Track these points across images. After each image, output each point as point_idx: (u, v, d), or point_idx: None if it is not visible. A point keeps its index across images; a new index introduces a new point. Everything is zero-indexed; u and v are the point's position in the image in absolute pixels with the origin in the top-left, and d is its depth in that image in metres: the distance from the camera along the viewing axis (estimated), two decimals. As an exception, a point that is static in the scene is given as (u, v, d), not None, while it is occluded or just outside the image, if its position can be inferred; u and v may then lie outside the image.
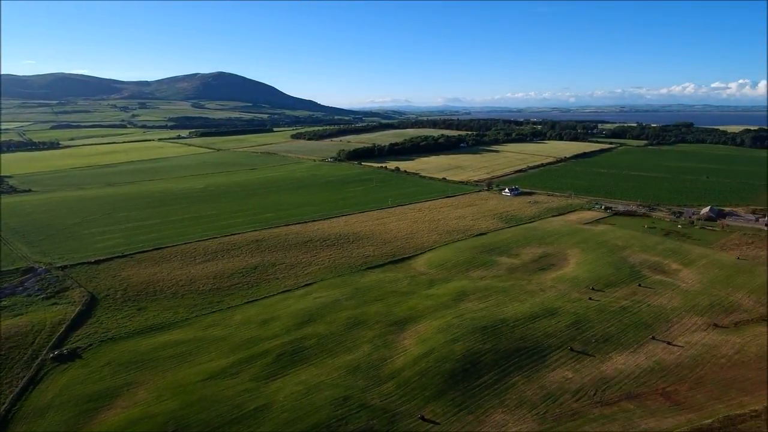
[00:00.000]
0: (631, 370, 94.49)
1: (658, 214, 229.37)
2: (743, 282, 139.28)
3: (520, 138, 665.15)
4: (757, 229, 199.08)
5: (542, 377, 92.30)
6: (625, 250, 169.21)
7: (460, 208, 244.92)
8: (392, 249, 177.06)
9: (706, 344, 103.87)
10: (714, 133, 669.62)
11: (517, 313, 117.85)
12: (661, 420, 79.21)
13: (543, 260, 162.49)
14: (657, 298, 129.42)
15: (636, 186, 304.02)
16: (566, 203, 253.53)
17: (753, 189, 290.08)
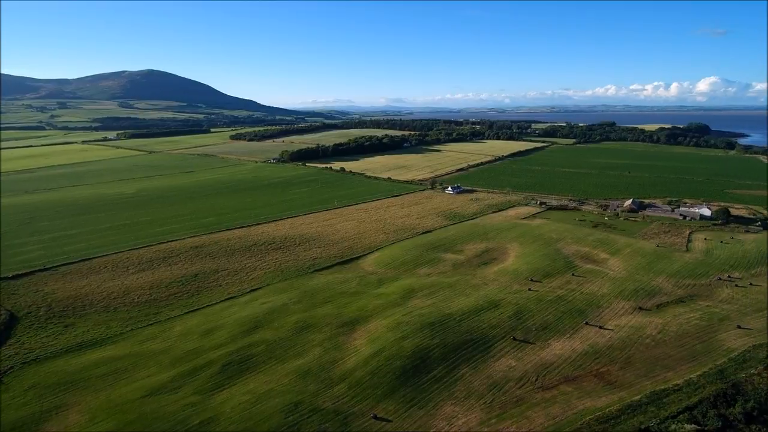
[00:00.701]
0: (568, 354, 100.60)
1: (587, 207, 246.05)
2: (662, 267, 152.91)
3: (460, 138, 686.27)
4: (673, 218, 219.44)
5: (488, 367, 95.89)
6: (559, 242, 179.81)
7: (405, 207, 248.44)
8: (340, 250, 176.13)
9: (633, 326, 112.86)
10: (634, 132, 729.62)
11: (463, 307, 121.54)
12: (596, 400, 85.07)
13: (485, 255, 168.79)
14: (589, 285, 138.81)
15: (567, 182, 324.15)
16: (505, 200, 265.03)
17: (668, 182, 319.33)
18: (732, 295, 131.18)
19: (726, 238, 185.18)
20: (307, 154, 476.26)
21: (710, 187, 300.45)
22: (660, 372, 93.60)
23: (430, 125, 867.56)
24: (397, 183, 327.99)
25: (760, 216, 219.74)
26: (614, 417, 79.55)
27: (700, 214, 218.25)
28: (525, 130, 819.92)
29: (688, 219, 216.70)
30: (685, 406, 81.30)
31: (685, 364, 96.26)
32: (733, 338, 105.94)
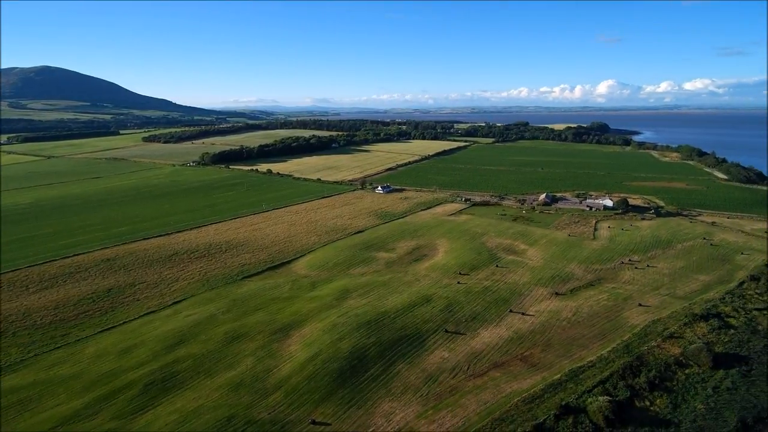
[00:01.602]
0: (495, 342, 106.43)
1: (507, 202, 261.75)
2: (574, 255, 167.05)
3: (388, 138, 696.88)
4: (581, 209, 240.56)
5: (423, 361, 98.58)
6: (483, 236, 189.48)
7: (337, 208, 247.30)
8: (270, 254, 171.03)
9: (551, 311, 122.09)
10: (545, 131, 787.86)
11: (397, 305, 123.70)
12: (522, 382, 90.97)
13: (416, 252, 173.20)
14: (511, 275, 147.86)
15: (488, 179, 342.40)
16: (433, 197, 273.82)
17: (576, 176, 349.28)
18: (633, 277, 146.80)
19: (626, 226, 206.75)
20: (230, 156, 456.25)
21: (611, 180, 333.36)
22: (576, 351, 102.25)
23: (358, 125, 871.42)
24: (327, 184, 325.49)
25: (654, 205, 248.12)
26: (539, 396, 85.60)
27: (603, 205, 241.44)
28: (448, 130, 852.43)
29: (593, 210, 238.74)
30: (599, 380, 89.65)
31: (597, 342, 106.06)
32: (635, 315, 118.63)
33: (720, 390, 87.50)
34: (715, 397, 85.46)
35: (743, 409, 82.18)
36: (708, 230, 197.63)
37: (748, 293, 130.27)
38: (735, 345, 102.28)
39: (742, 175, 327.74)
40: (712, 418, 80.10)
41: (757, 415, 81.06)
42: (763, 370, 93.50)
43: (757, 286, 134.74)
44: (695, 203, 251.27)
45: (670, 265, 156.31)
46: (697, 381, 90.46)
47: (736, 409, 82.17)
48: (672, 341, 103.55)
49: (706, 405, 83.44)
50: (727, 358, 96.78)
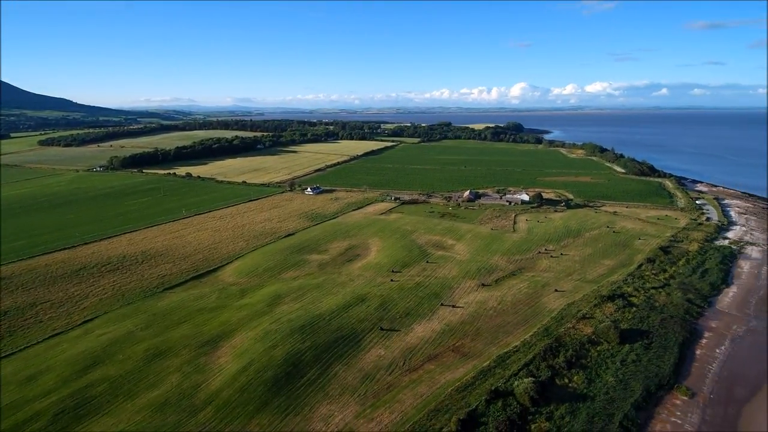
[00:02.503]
0: (429, 335, 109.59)
1: (434, 199, 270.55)
2: (497, 247, 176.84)
3: (315, 138, 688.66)
4: (502, 204, 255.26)
5: (360, 360, 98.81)
6: (413, 234, 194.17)
7: (265, 211, 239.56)
8: (194, 263, 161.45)
9: (478, 301, 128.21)
10: (466, 130, 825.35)
11: (331, 306, 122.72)
12: (455, 371, 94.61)
13: (349, 252, 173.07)
14: (441, 270, 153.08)
15: (416, 177, 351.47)
16: (363, 197, 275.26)
17: (496, 173, 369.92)
18: (549, 265, 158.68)
19: (541, 218, 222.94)
20: (143, 160, 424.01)
21: (527, 176, 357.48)
22: (503, 338, 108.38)
23: (284, 126, 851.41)
24: (254, 186, 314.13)
25: (564, 198, 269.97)
26: (470, 384, 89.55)
27: (521, 200, 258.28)
28: (375, 130, 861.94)
29: (512, 204, 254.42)
30: (524, 363, 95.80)
31: (520, 327, 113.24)
32: (553, 300, 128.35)
33: (627, 363, 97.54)
34: (623, 370, 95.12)
35: (647, 378, 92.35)
36: (610, 219, 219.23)
37: (645, 274, 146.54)
38: (637, 321, 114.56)
39: (636, 169, 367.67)
40: (621, 389, 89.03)
41: (658, 382, 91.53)
42: (661, 342, 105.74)
43: (653, 267, 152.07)
44: (599, 195, 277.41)
45: (580, 252, 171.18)
46: (608, 356, 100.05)
47: (641, 379, 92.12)
48: (585, 322, 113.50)
49: (616, 377, 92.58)
50: (631, 333, 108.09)
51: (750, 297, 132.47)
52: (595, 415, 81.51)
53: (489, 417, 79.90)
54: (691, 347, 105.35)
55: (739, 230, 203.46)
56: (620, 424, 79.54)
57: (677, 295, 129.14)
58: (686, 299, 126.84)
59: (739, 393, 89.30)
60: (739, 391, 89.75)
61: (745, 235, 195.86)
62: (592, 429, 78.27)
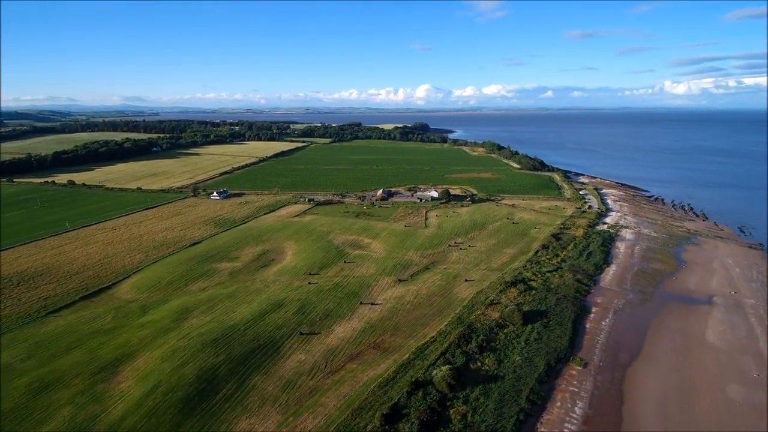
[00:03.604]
0: (350, 335, 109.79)
1: (349, 199, 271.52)
2: (411, 243, 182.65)
3: (219, 139, 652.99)
4: (413, 202, 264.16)
5: (280, 368, 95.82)
6: (330, 235, 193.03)
7: (166, 219, 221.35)
8: (83, 281, 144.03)
9: (396, 297, 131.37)
10: (376, 130, 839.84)
11: (246, 315, 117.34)
12: (377, 368, 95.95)
13: (263, 257, 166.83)
14: (359, 269, 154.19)
15: (329, 178, 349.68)
16: (275, 200, 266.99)
17: (406, 172, 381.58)
18: (459, 257, 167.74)
19: (450, 213, 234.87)
20: (14, 167, 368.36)
21: (435, 173, 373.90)
22: (420, 330, 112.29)
23: (183, 127, 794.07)
24: (151, 193, 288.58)
25: (469, 193, 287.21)
26: (392, 379, 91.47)
27: (431, 197, 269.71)
28: (284, 130, 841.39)
29: (423, 201, 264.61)
30: (441, 352, 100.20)
31: (436, 318, 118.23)
32: (463, 290, 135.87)
33: (530, 341, 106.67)
34: (527, 348, 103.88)
35: (547, 354, 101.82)
36: (510, 211, 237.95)
37: (541, 259, 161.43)
38: (537, 303, 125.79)
39: (530, 164, 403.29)
40: (527, 366, 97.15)
41: (557, 356, 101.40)
42: (558, 319, 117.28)
43: (547, 253, 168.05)
44: (499, 189, 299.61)
45: (486, 243, 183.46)
46: (514, 337, 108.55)
47: (543, 355, 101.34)
48: (492, 307, 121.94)
49: (522, 356, 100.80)
50: (532, 314, 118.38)
51: (626, 274, 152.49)
52: (506, 393, 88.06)
53: (411, 408, 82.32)
54: (582, 322, 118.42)
55: (615, 216, 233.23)
56: (527, 399, 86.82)
57: (568, 276, 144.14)
58: (576, 279, 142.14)
59: (623, 358, 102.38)
60: (623, 357, 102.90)
61: (620, 219, 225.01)
62: (503, 406, 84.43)
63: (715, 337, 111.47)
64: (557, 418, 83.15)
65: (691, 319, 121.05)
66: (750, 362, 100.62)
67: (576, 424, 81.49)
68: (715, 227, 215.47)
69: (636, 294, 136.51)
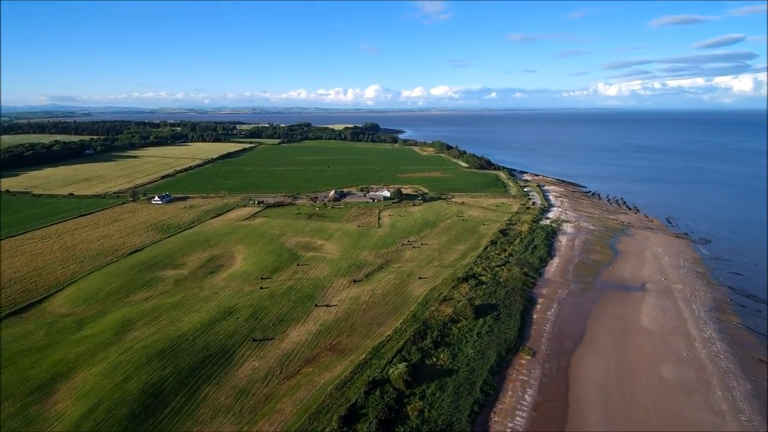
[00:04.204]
0: (305, 338, 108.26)
1: (300, 201, 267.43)
2: (365, 243, 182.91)
3: (160, 141, 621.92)
4: (366, 202, 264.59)
5: (233, 377, 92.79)
6: (281, 237, 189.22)
7: (102, 226, 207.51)
8: (9, 296, 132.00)
9: (351, 297, 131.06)
10: (326, 131, 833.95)
11: (195, 324, 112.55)
12: (333, 370, 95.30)
13: (211, 263, 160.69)
14: (313, 271, 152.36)
15: (280, 179, 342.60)
16: (222, 203, 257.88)
17: (358, 172, 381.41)
18: (412, 255, 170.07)
19: (402, 212, 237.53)
20: None
21: (387, 173, 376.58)
22: (376, 329, 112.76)
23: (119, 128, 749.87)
24: (85, 199, 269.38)
25: (421, 192, 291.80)
26: (349, 380, 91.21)
27: (383, 196, 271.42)
28: (231, 131, 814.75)
29: (376, 201, 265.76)
30: (397, 350, 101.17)
31: (391, 317, 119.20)
32: (417, 287, 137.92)
33: (482, 334, 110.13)
34: (480, 341, 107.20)
35: (498, 345, 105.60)
36: (460, 209, 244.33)
37: (491, 255, 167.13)
38: (487, 296, 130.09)
39: (477, 163, 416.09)
40: (479, 359, 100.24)
41: (507, 347, 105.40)
42: (507, 312, 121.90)
43: (496, 248, 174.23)
44: (449, 188, 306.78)
45: (438, 241, 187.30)
46: (466, 331, 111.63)
47: (494, 347, 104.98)
48: (446, 303, 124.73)
49: (475, 349, 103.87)
50: (483, 308, 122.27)
51: (568, 265, 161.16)
52: (461, 386, 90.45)
53: (369, 407, 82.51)
54: (530, 313, 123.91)
55: (557, 211, 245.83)
56: (481, 390, 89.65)
57: (516, 270, 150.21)
58: (523, 273, 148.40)
59: (567, 346, 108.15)
60: (567, 344, 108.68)
61: (562, 214, 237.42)
62: (458, 399, 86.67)
63: (648, 321, 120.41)
64: (509, 406, 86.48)
65: (627, 305, 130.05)
66: (680, 343, 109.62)
67: (527, 411, 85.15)
68: (645, 219, 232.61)
69: (578, 284, 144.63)
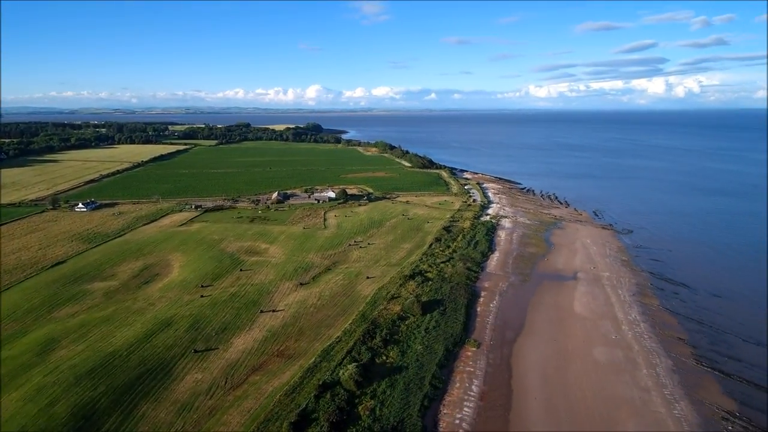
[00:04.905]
0: (251, 346, 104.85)
1: (242, 204, 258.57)
2: (311, 245, 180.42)
3: (83, 144, 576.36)
4: (311, 203, 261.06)
5: (173, 392, 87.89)
6: (222, 243, 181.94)
7: (18, 238, 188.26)
8: None
9: (298, 301, 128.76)
10: (267, 131, 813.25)
11: (129, 339, 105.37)
12: (282, 377, 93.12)
13: (145, 273, 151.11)
14: (257, 276, 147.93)
15: (218, 182, 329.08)
16: (156, 209, 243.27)
17: (302, 173, 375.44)
18: (360, 255, 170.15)
19: (348, 213, 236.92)
20: None
21: (331, 174, 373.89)
22: (325, 331, 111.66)
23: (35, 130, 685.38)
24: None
25: (366, 192, 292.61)
26: (299, 385, 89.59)
27: (328, 197, 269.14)
28: (162, 132, 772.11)
29: (321, 202, 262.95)
30: (347, 351, 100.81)
31: (340, 318, 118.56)
32: (366, 287, 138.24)
33: (429, 330, 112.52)
34: (427, 336, 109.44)
35: (445, 339, 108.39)
36: (405, 208, 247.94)
37: (435, 251, 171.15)
38: (434, 292, 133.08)
39: (420, 163, 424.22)
40: (428, 354, 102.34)
41: (454, 341, 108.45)
42: (453, 306, 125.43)
43: (440, 245, 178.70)
44: (394, 187, 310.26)
45: (384, 240, 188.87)
46: (414, 328, 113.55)
47: (442, 341, 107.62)
48: (394, 301, 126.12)
49: (423, 344, 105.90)
50: (430, 304, 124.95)
51: (508, 258, 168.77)
52: (410, 382, 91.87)
53: (320, 411, 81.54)
54: (474, 306, 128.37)
55: (496, 207, 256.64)
56: (430, 384, 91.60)
57: (460, 265, 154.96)
58: (466, 268, 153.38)
59: (509, 335, 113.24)
60: (509, 334, 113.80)
61: (500, 210, 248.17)
62: (409, 395, 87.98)
63: (581, 308, 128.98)
64: (457, 398, 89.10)
65: (562, 293, 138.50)
66: (609, 326, 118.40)
67: (473, 401, 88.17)
68: (575, 213, 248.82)
69: (517, 276, 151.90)
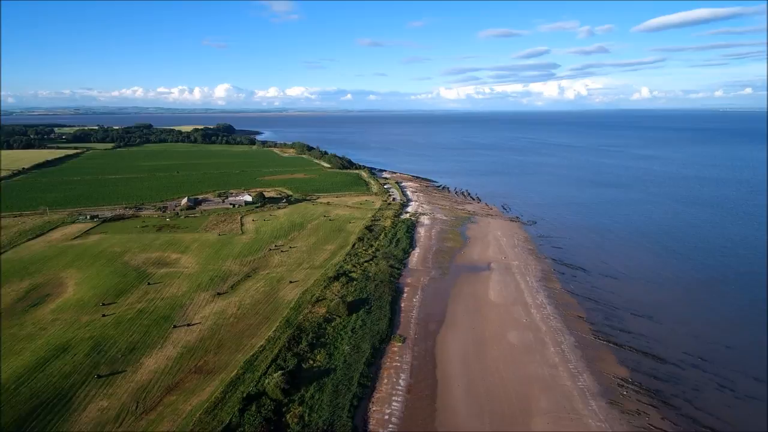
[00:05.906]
0: (164, 365, 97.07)
1: (146, 212, 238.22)
2: (228, 252, 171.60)
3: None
4: (226, 208, 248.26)
5: (75, 423, 78.46)
6: (125, 255, 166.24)
7: None
8: None
9: (216, 312, 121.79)
10: (172, 133, 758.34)
11: (17, 370, 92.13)
12: (201, 394, 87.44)
13: (33, 294, 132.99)
14: (168, 289, 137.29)
15: (117, 189, 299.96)
16: (42, 221, 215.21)
17: (214, 177, 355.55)
18: (281, 260, 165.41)
19: (267, 216, 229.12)
20: None
21: (246, 177, 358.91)
22: (247, 341, 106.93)
23: None
24: None
25: (285, 194, 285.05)
26: (221, 400, 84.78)
27: (244, 201, 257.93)
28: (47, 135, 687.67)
29: (236, 206, 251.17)
30: (271, 359, 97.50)
31: (263, 326, 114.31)
32: (289, 292, 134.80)
33: (356, 329, 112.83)
34: (354, 336, 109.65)
35: (372, 338, 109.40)
36: (326, 209, 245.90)
37: (359, 251, 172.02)
38: (359, 292, 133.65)
39: (339, 163, 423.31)
40: (355, 353, 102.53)
41: (380, 338, 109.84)
42: (378, 304, 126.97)
43: (363, 244, 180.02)
44: (314, 189, 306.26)
45: (306, 243, 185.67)
46: (341, 329, 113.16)
47: (368, 339, 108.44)
48: (319, 304, 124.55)
49: (350, 344, 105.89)
50: (356, 303, 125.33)
51: (428, 254, 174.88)
52: (339, 383, 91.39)
53: (245, 425, 77.94)
54: (398, 302, 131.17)
55: (415, 205, 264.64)
56: (358, 383, 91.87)
57: (383, 263, 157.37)
58: (389, 265, 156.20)
59: (432, 327, 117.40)
60: (432, 326, 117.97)
61: (419, 208, 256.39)
62: (338, 397, 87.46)
63: (495, 296, 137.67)
64: (385, 393, 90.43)
65: (478, 283, 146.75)
66: (520, 311, 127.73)
67: (401, 395, 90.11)
68: (486, 207, 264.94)
69: (437, 270, 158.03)
